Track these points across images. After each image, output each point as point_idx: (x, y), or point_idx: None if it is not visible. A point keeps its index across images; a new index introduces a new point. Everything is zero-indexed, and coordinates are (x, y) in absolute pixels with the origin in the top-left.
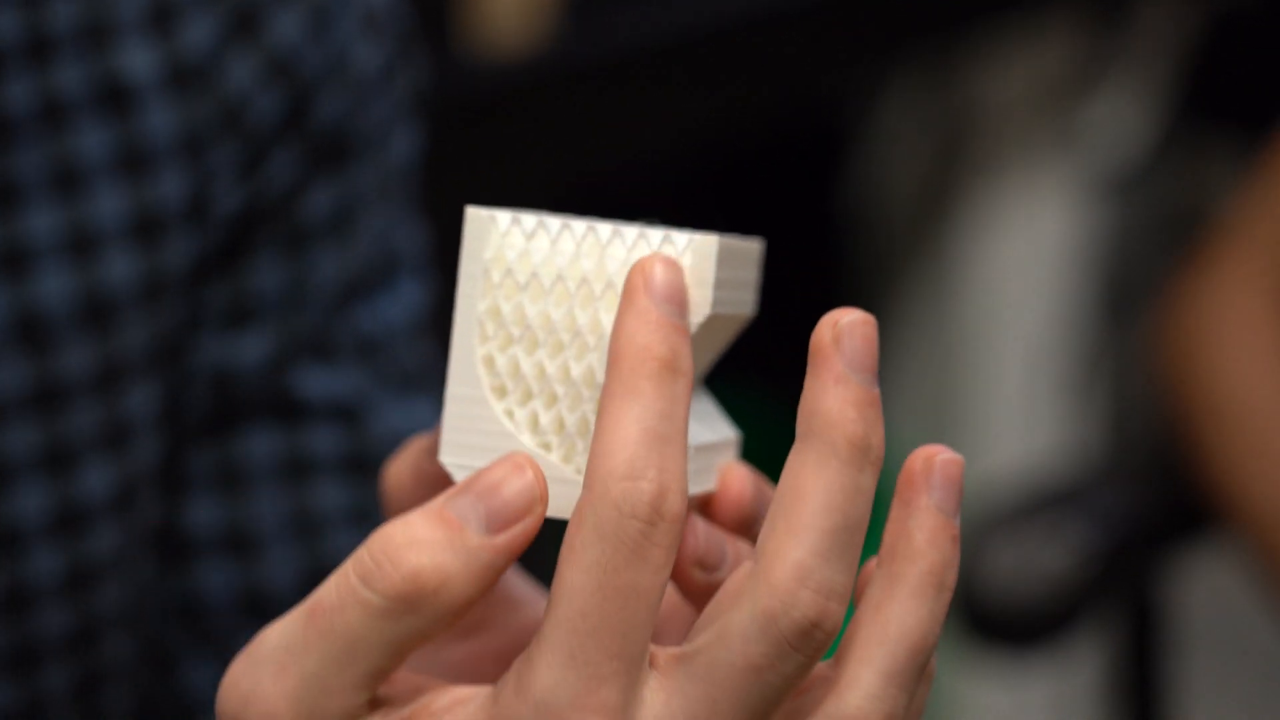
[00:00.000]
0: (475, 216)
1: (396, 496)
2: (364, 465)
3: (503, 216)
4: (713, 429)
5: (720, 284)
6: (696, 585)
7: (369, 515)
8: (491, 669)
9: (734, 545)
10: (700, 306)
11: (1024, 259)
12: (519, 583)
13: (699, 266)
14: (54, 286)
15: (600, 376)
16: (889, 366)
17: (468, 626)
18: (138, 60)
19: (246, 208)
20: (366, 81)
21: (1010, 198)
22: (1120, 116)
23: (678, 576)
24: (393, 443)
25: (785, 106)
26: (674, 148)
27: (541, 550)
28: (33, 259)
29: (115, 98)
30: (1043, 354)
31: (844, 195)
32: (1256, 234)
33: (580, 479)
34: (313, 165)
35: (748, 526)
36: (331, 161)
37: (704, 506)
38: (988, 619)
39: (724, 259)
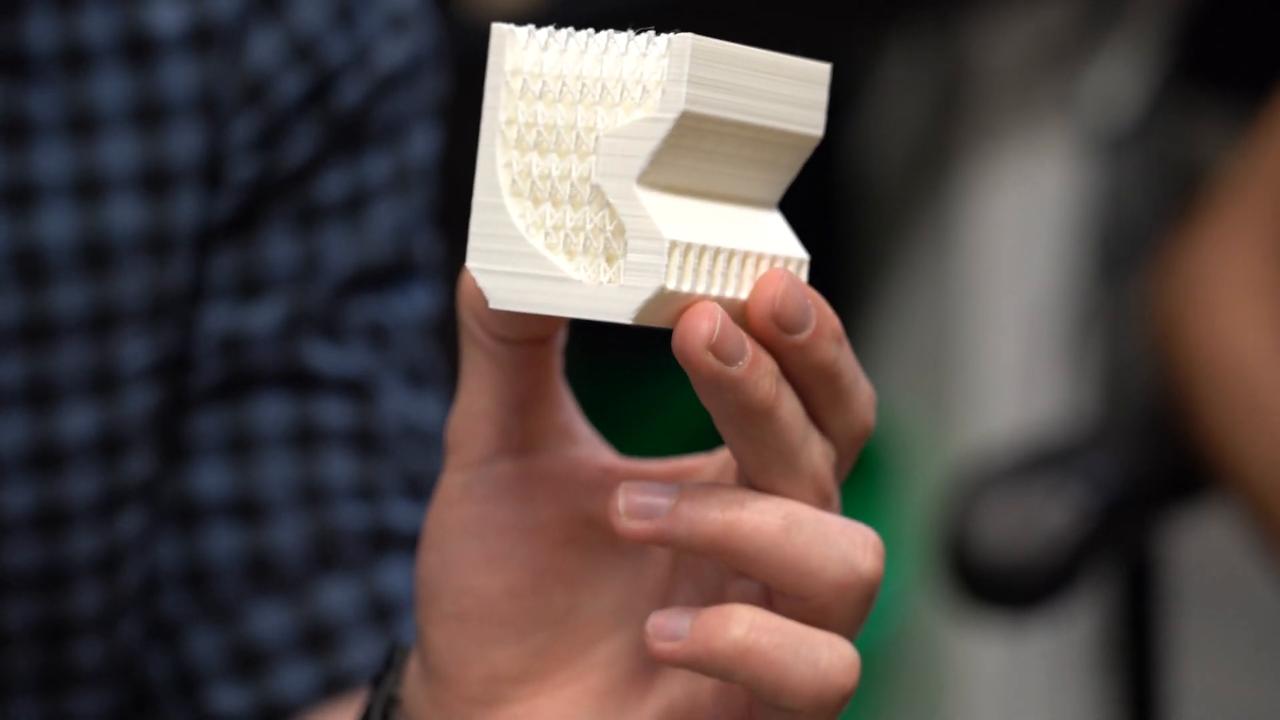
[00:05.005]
0: (498, 30)
1: (480, 314)
2: (372, 440)
3: (521, 30)
4: (771, 242)
5: (704, 83)
6: (710, 370)
7: (375, 491)
8: (538, 490)
9: (754, 344)
10: (675, 101)
11: (1021, 219)
12: (579, 423)
13: (675, 64)
14: (55, 225)
15: (595, 178)
16: (884, 327)
17: (521, 444)
18: (164, 15)
19: (261, 178)
20: (388, 76)
21: (1008, 157)
22: (1118, 76)
23: (692, 365)
24: (401, 424)
25: None
26: None
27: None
28: (37, 196)
29: (137, 49)
30: (1039, 313)
31: (842, 155)
32: (1253, 194)
33: (581, 279)
34: (329, 145)
35: (776, 327)
36: (348, 144)
37: (741, 310)
38: (984, 578)
39: (709, 58)
